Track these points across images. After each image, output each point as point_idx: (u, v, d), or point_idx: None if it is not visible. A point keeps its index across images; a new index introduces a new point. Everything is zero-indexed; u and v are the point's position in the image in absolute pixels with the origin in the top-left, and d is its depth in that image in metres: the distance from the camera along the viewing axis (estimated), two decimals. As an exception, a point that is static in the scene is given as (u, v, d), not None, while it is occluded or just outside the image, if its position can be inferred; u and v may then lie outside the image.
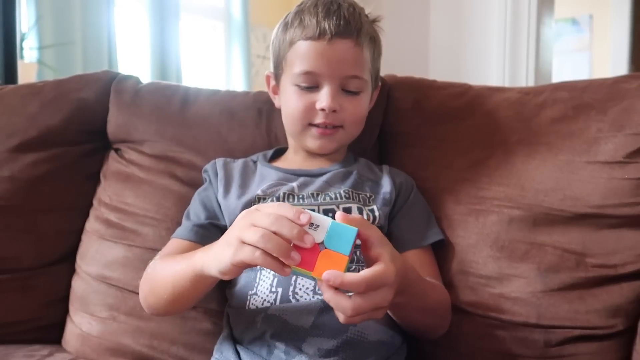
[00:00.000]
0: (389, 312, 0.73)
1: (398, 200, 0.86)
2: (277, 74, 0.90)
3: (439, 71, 2.58)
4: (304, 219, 0.57)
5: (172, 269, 0.73)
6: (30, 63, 2.09)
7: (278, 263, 0.56)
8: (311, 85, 0.84)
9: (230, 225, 0.79)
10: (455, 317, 0.83)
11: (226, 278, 0.63)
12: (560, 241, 0.81)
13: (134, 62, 2.53)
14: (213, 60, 2.99)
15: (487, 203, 0.87)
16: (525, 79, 2.44)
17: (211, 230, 0.82)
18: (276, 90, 0.92)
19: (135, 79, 1.08)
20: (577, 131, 0.85)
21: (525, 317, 0.80)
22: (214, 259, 0.63)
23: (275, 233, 0.57)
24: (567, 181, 0.82)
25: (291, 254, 0.56)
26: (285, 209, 0.58)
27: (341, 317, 0.58)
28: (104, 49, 2.28)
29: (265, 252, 0.56)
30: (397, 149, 1.00)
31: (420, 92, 1.01)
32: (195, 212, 0.85)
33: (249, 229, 0.58)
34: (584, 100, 0.87)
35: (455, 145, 0.94)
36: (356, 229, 0.58)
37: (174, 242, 0.83)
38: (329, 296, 0.57)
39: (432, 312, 0.77)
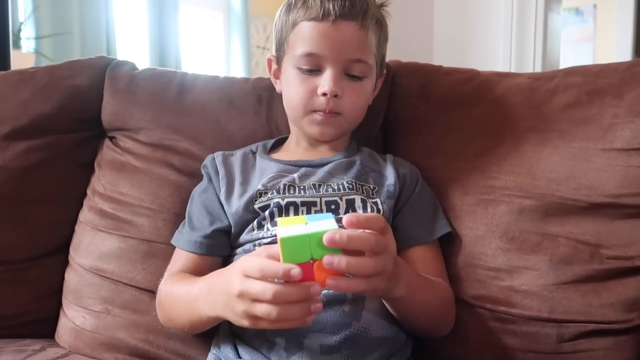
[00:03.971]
0: (392, 311, 0.72)
1: (402, 193, 0.84)
2: (279, 57, 0.87)
3: (443, 59, 2.54)
4: (294, 274, 0.54)
5: (186, 304, 0.72)
6: (27, 53, 2.07)
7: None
8: (313, 68, 0.81)
9: (235, 227, 0.79)
10: (462, 312, 0.81)
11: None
12: (573, 232, 0.79)
13: (133, 53, 2.50)
14: (213, 52, 2.97)
15: (496, 192, 0.84)
16: (532, 68, 2.40)
17: (216, 238, 0.81)
18: (277, 74, 0.90)
19: (131, 65, 1.05)
20: (591, 117, 0.82)
21: (537, 311, 0.77)
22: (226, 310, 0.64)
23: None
24: (582, 169, 0.80)
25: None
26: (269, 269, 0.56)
27: (361, 284, 0.57)
28: (102, 40, 2.26)
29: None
30: (402, 137, 0.98)
31: (426, 77, 0.99)
32: (199, 218, 0.83)
33: (254, 305, 0.58)
34: (598, 85, 0.84)
35: (463, 133, 0.91)
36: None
37: (181, 256, 0.81)
38: (350, 261, 0.54)
39: (434, 310, 0.75)
